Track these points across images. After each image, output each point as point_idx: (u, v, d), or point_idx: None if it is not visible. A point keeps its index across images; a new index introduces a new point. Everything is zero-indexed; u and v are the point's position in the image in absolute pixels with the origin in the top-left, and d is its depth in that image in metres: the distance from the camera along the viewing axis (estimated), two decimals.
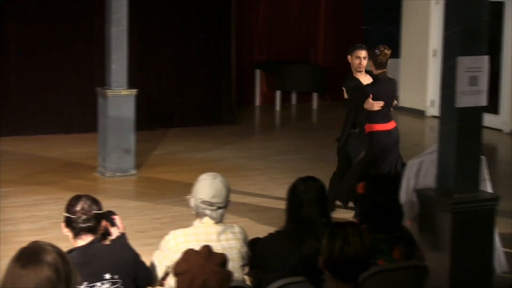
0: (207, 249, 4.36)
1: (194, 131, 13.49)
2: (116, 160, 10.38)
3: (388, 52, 8.18)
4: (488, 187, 6.51)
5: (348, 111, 8.80)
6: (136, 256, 4.75)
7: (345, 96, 8.76)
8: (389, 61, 8.30)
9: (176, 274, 4.34)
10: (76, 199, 4.65)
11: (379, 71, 8.24)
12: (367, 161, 8.32)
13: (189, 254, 4.30)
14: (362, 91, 8.34)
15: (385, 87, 8.32)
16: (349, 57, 8.76)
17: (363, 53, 8.64)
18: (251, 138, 13.36)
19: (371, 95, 8.19)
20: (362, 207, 5.24)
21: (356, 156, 8.71)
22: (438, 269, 5.81)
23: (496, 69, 13.55)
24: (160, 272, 4.85)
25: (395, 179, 6.86)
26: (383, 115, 8.31)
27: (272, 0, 16.08)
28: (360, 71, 8.70)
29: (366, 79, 8.66)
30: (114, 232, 4.84)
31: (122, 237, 4.85)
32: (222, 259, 4.37)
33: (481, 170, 6.16)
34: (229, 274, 4.53)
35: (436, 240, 6.01)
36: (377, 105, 8.18)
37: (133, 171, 10.49)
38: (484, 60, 5.90)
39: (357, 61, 8.66)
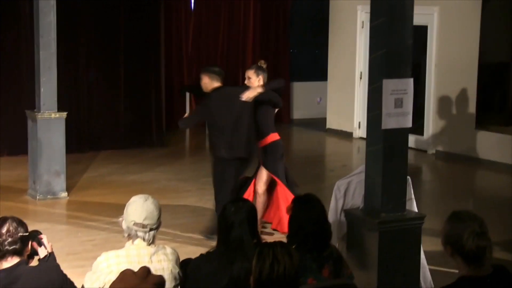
0: (144, 270, 4.38)
1: (124, 153, 13.47)
2: (46, 182, 10.33)
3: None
4: (413, 207, 6.64)
5: None
6: (63, 276, 4.73)
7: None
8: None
9: None
10: (2, 221, 4.61)
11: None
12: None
13: (125, 274, 4.32)
14: None
15: None
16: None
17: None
18: (182, 161, 13.38)
19: None
20: (290, 228, 5.31)
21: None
22: (366, 286, 5.92)
23: (421, 91, 13.82)
24: None
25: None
26: None
27: (201, 24, 16.15)
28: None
29: None
30: (42, 252, 4.84)
31: (49, 257, 4.84)
32: (158, 280, 4.39)
33: (407, 190, 6.29)
34: None
35: (364, 258, 6.11)
36: None
37: (64, 194, 10.45)
38: (408, 83, 6.03)
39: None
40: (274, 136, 8.70)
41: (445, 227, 4.04)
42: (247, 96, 8.45)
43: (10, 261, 4.55)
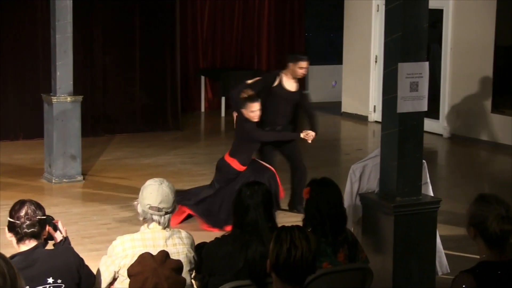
0: (162, 254, 4.38)
1: (140, 137, 13.50)
2: (62, 166, 10.36)
3: None
4: (429, 190, 6.63)
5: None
6: (79, 259, 4.76)
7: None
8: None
9: (130, 276, 4.37)
10: (20, 204, 4.63)
11: None
12: None
13: (143, 257, 4.33)
14: None
15: None
16: (290, 64, 8.90)
17: (305, 64, 8.90)
18: (197, 144, 13.40)
19: None
20: (307, 212, 5.31)
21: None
22: (381, 271, 5.92)
23: (436, 75, 13.78)
24: (107, 277, 4.86)
25: None
26: None
27: (216, 8, 16.14)
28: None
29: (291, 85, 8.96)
30: (58, 237, 4.87)
31: (65, 241, 4.87)
32: (176, 265, 4.39)
33: (422, 174, 6.28)
34: (182, 280, 4.55)
35: (379, 243, 6.12)
36: None
37: (79, 177, 10.47)
38: (424, 66, 6.01)
39: (301, 71, 8.89)
40: None
41: (471, 209, 4.03)
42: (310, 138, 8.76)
43: (28, 244, 4.58)
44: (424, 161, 6.31)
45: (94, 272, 4.88)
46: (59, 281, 4.53)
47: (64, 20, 10.24)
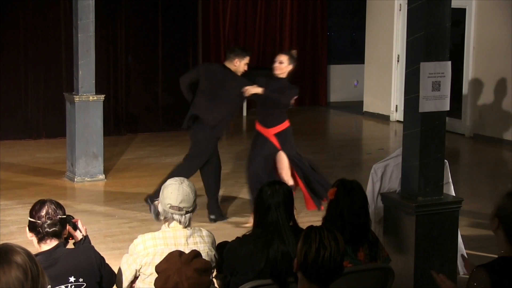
0: (191, 253, 4.38)
1: (162, 136, 13.54)
2: (84, 165, 10.41)
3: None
4: (451, 190, 6.61)
5: None
6: (101, 258, 4.78)
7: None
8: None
9: (157, 272, 4.39)
10: (40, 204, 4.65)
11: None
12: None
13: (171, 255, 4.33)
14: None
15: None
16: (236, 59, 8.82)
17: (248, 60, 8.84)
18: (219, 143, 13.39)
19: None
20: (333, 212, 5.26)
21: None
22: (403, 270, 5.91)
23: (459, 74, 13.71)
24: (129, 276, 4.88)
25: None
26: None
27: (239, 7, 16.14)
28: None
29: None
30: (78, 236, 4.89)
31: (85, 240, 4.89)
32: (202, 266, 4.39)
33: (444, 174, 6.26)
34: (205, 282, 4.54)
35: (400, 242, 6.10)
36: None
37: (101, 176, 10.52)
38: (446, 66, 6.00)
39: (245, 67, 8.80)
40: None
41: (499, 201, 4.06)
42: (249, 91, 8.42)
43: (49, 244, 4.59)
44: (446, 160, 6.29)
45: (115, 270, 4.90)
46: (80, 279, 4.55)
47: (87, 19, 10.28)
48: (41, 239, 4.60)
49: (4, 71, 12.90)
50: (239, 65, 8.74)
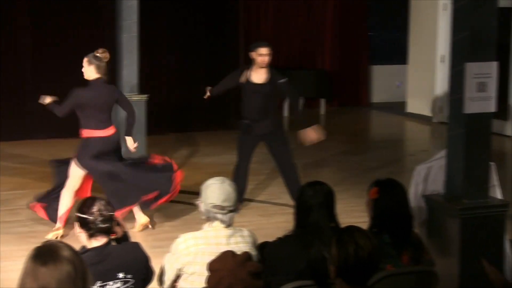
0: (244, 255, 4.37)
1: (203, 135, 13.57)
2: None
3: (107, 56, 8.38)
4: (497, 193, 6.52)
5: None
6: (147, 256, 4.83)
7: None
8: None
9: (209, 271, 4.39)
10: (91, 201, 4.72)
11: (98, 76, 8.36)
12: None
13: (226, 254, 4.33)
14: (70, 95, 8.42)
15: (98, 93, 8.41)
16: (252, 54, 9.04)
17: (265, 51, 8.92)
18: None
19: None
20: (376, 212, 5.23)
21: None
22: (447, 274, 5.83)
23: (506, 75, 13.56)
24: (171, 275, 4.90)
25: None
26: (99, 121, 8.41)
27: (279, 7, 16.12)
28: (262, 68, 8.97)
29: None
30: (119, 231, 4.92)
31: (125, 235, 4.93)
32: (255, 269, 4.38)
33: (490, 176, 6.17)
34: (257, 285, 4.53)
35: (445, 245, 6.04)
36: None
37: None
38: (492, 66, 5.93)
39: (261, 58, 8.92)
40: None
41: None
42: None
43: (100, 240, 4.65)
44: (493, 163, 6.20)
45: (156, 268, 4.93)
46: (129, 276, 4.62)
47: (131, 20, 10.33)
48: (92, 235, 4.65)
49: (49, 71, 12.99)
50: (254, 57, 8.98)
